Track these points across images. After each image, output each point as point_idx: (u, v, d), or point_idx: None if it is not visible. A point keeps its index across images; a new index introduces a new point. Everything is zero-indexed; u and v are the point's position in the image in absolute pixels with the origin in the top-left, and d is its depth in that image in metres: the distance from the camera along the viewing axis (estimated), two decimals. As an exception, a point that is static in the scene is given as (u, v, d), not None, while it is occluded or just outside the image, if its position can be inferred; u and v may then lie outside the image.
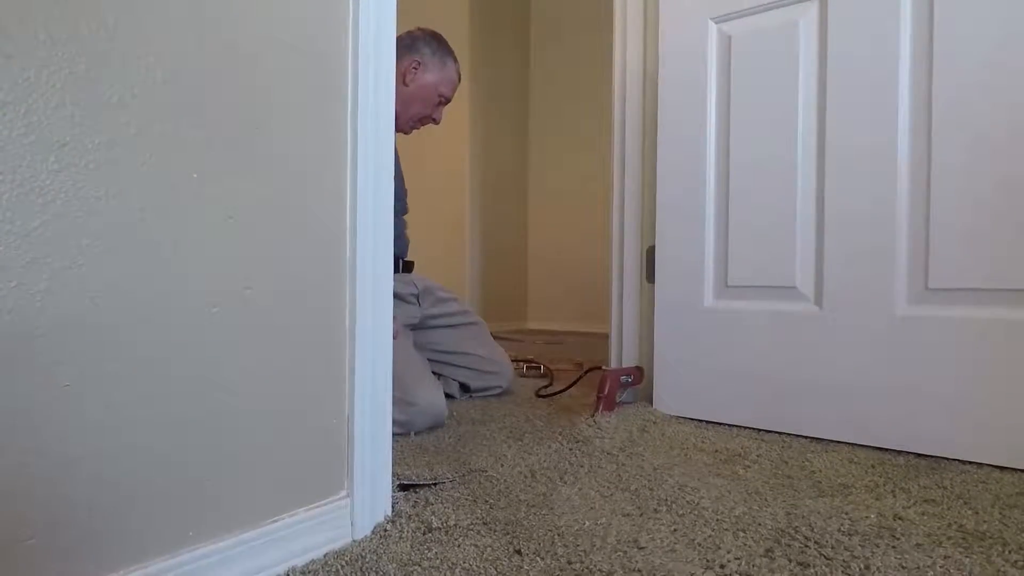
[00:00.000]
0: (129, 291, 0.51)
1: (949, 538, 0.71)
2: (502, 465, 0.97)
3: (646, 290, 1.44)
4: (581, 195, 4.11)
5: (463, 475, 0.92)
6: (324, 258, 0.68)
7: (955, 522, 0.76)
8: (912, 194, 1.06)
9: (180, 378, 0.55)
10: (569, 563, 0.64)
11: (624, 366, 1.50)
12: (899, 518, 0.77)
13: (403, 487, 0.86)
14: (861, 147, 1.11)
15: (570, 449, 1.07)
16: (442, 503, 0.81)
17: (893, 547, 0.68)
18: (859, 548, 0.68)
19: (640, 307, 1.45)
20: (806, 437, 1.16)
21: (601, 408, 1.27)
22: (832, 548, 0.68)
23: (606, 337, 1.58)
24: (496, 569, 0.63)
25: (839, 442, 1.13)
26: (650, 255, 1.42)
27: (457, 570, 0.63)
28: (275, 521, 0.63)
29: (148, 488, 0.53)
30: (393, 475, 0.78)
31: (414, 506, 0.80)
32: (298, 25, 0.65)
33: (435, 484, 0.88)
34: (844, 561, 0.65)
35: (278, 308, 0.63)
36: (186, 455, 0.56)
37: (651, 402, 1.37)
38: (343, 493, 0.70)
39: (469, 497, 0.83)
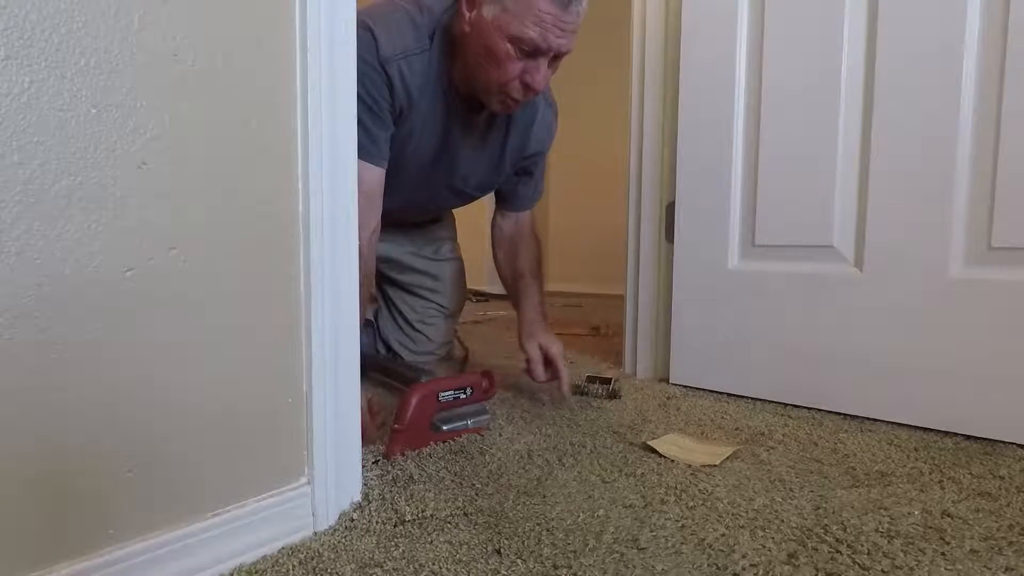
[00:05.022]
0: (27, 256, 0.42)
1: (1011, 543, 0.60)
2: (496, 442, 0.88)
3: (665, 250, 1.31)
4: (603, 155, 3.94)
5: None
6: (269, 207, 0.58)
7: (1017, 522, 0.64)
8: (977, 135, 0.91)
9: (84, 355, 0.46)
10: (555, 567, 0.55)
11: (460, 374, 1.10)
12: (948, 516, 0.66)
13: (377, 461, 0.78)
14: (917, 82, 0.95)
15: (572, 427, 0.97)
16: (423, 484, 0.73)
17: (942, 554, 0.58)
18: (901, 554, 0.57)
19: (658, 269, 1.33)
20: (839, 414, 1.05)
21: (398, 447, 0.82)
22: (868, 555, 0.57)
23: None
24: (468, 573, 0.54)
25: (877, 420, 1.01)
26: (670, 211, 1.29)
27: (424, 573, 0.54)
28: (218, 514, 0.55)
29: (52, 484, 0.45)
30: (365, 453, 0.70)
31: (390, 488, 0.71)
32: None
33: None
34: (883, 572, 0.55)
35: (211, 271, 0.54)
36: (99, 444, 0.48)
37: (667, 373, 1.27)
38: (303, 480, 0.62)
39: (454, 479, 0.75)
